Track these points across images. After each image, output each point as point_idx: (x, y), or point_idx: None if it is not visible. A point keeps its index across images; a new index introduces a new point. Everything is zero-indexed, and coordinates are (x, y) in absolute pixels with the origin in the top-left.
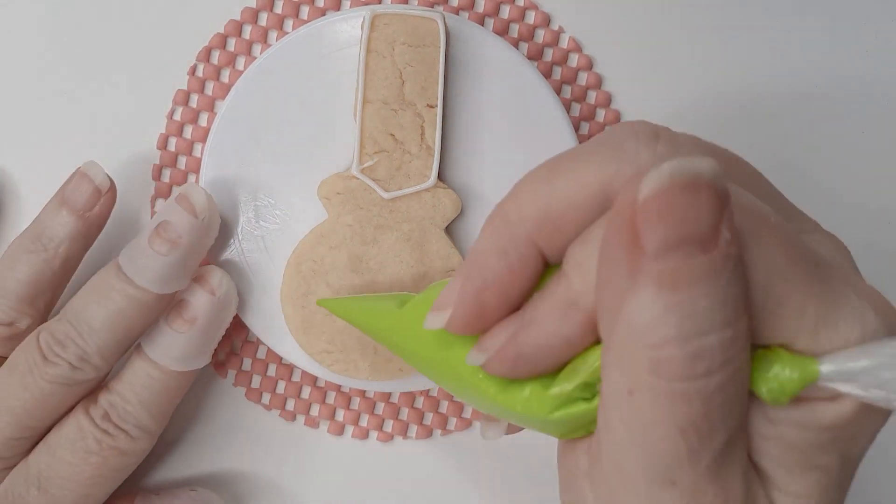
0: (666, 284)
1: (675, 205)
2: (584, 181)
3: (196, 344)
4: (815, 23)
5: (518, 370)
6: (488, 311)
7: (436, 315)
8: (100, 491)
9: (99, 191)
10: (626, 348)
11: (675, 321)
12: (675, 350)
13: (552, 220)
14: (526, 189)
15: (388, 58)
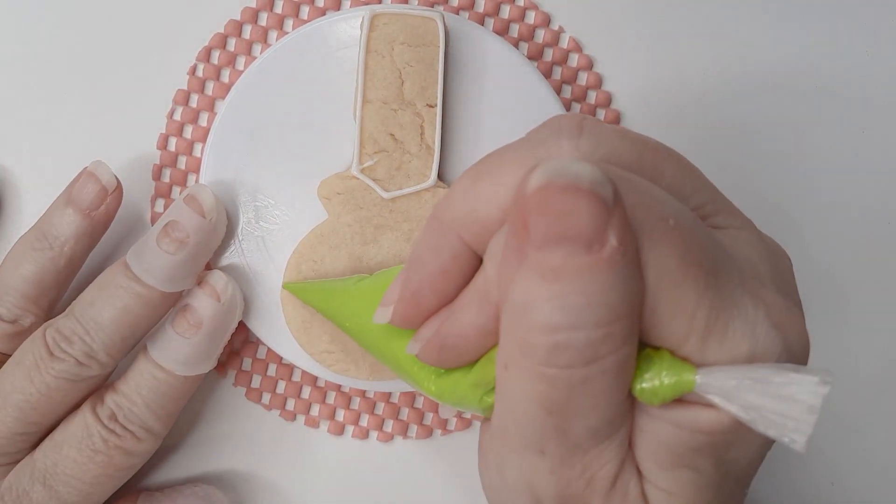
0: (546, 275)
1: (555, 204)
2: (506, 181)
3: (201, 349)
4: (815, 22)
5: (444, 360)
6: (425, 306)
7: (382, 310)
8: (103, 490)
9: (105, 190)
10: (508, 326)
11: (546, 310)
12: (541, 337)
13: (479, 219)
14: (457, 191)
15: (388, 57)
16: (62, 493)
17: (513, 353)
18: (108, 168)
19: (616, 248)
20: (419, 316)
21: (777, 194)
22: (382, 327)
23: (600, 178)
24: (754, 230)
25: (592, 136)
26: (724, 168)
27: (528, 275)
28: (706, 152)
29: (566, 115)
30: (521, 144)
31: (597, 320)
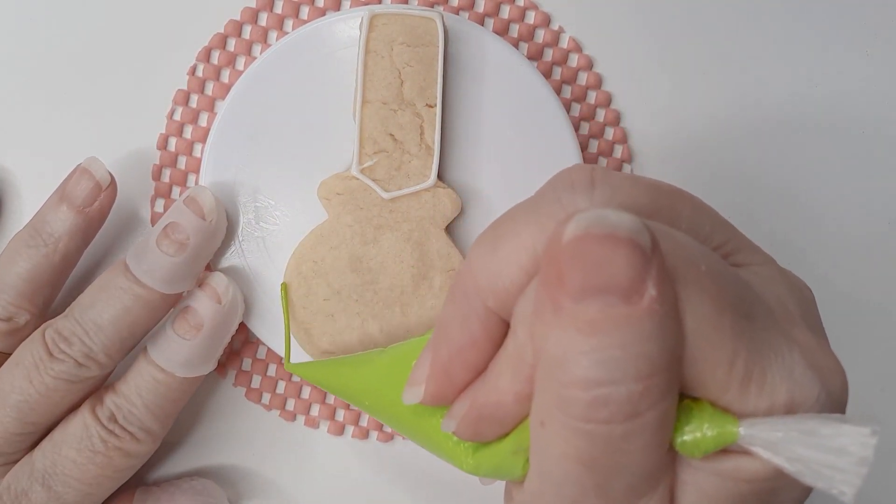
0: (583, 328)
1: (593, 254)
2: (526, 244)
3: (201, 351)
4: (815, 22)
5: (482, 433)
6: (457, 381)
7: (412, 390)
8: (102, 490)
9: (99, 186)
10: (544, 381)
11: (584, 364)
12: (579, 392)
13: (503, 284)
14: (477, 258)
15: (387, 58)
16: (61, 494)
17: (549, 409)
18: (102, 164)
19: (655, 297)
20: (451, 392)
21: (778, 190)
22: (411, 406)
23: (639, 226)
24: (776, 265)
25: (606, 187)
26: (724, 168)
27: (564, 328)
28: (706, 151)
29: (575, 169)
30: (535, 204)
31: (637, 374)
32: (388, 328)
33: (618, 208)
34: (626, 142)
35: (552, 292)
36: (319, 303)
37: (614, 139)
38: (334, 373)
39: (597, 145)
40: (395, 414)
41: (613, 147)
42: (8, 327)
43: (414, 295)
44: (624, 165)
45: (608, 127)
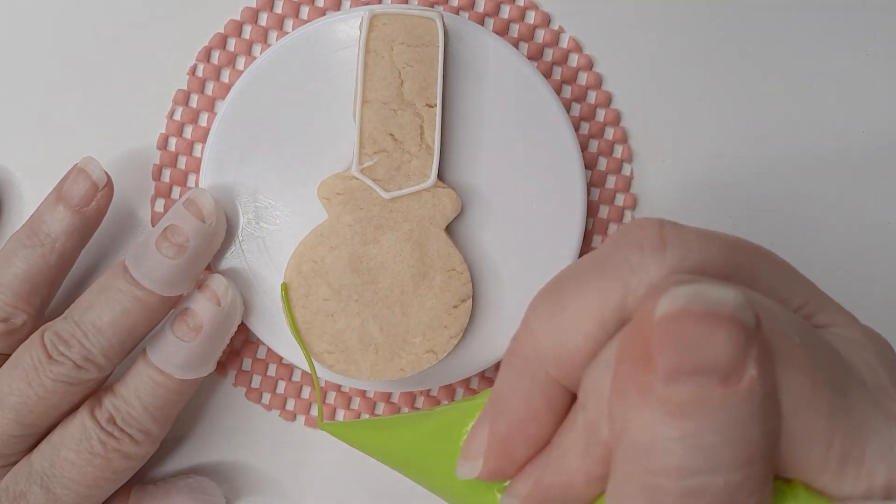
0: (675, 411)
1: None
2: (592, 309)
3: (201, 353)
4: (815, 22)
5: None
6: (517, 455)
7: (467, 464)
8: (101, 492)
9: (96, 186)
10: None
11: (677, 451)
12: (671, 482)
13: (567, 353)
14: (537, 323)
15: (387, 58)
16: (60, 496)
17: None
18: (99, 164)
19: (755, 378)
20: (511, 468)
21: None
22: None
23: (742, 303)
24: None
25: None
26: (724, 167)
27: (653, 411)
28: (706, 151)
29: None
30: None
31: (735, 461)
32: (388, 328)
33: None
34: (626, 142)
35: (638, 373)
36: (319, 303)
37: (614, 139)
38: (374, 436)
39: (597, 145)
40: (444, 485)
41: (613, 147)
42: (5, 328)
43: (414, 295)
44: (624, 165)
45: (608, 127)
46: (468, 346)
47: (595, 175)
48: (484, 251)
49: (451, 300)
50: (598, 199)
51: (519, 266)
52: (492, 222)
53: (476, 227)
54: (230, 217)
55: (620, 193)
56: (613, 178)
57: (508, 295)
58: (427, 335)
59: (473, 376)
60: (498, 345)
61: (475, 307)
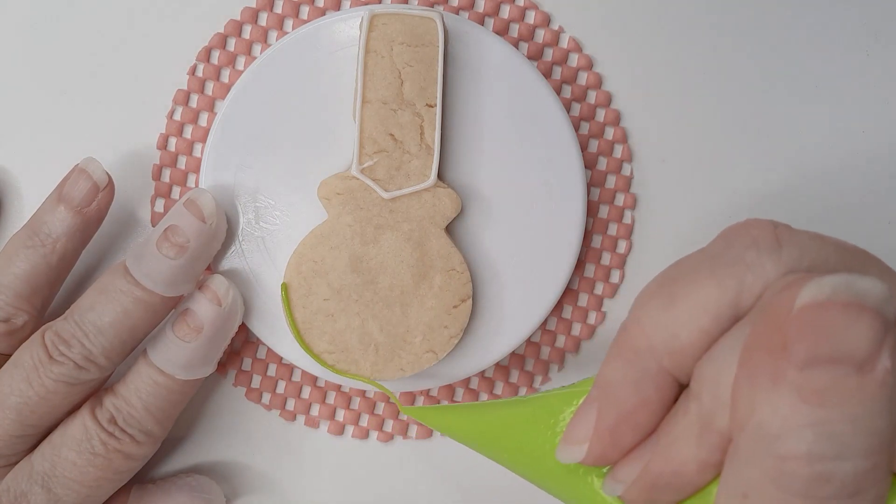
0: (809, 398)
1: (833, 321)
2: (706, 304)
3: (201, 353)
4: (815, 22)
5: (655, 499)
6: (624, 442)
7: (570, 449)
8: (102, 493)
9: (97, 186)
10: (751, 452)
11: (810, 438)
12: (802, 467)
13: (680, 345)
14: (648, 316)
15: (387, 58)
16: (60, 496)
17: (759, 482)
18: (100, 164)
19: (889, 369)
20: (616, 454)
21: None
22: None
23: (888, 296)
24: None
25: (794, 248)
26: (724, 167)
27: (786, 397)
28: (706, 150)
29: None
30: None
31: (865, 449)
32: (388, 328)
33: (858, 273)
34: (626, 142)
35: (772, 359)
36: (319, 303)
37: (614, 139)
38: (461, 420)
39: (597, 145)
40: (538, 468)
41: (613, 147)
42: (6, 328)
43: (414, 295)
44: (624, 165)
45: (608, 127)
46: (468, 346)
47: (595, 175)
48: (484, 251)
49: (451, 300)
50: (598, 199)
51: (519, 266)
52: (492, 222)
53: (476, 227)
54: (230, 217)
55: (620, 193)
56: (613, 178)
57: (508, 295)
58: (427, 335)
59: (473, 376)
60: (498, 345)
61: (475, 307)
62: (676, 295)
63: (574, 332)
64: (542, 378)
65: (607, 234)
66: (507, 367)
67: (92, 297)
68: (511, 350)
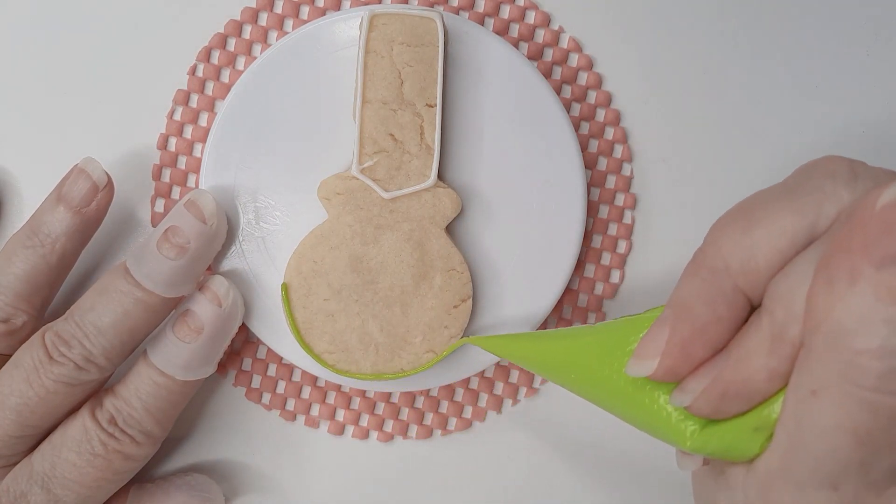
0: (884, 296)
1: None
2: (785, 228)
3: (202, 354)
4: (815, 22)
5: (724, 409)
6: (694, 357)
7: (641, 363)
8: (101, 493)
9: (96, 186)
10: (824, 349)
11: (884, 333)
12: (874, 361)
13: (757, 266)
14: (726, 238)
15: (387, 58)
16: (60, 496)
17: (829, 378)
18: (99, 164)
19: None
20: (686, 368)
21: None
22: (628, 378)
23: None
24: None
25: (868, 179)
26: (724, 168)
27: (863, 295)
28: (706, 151)
29: (833, 159)
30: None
31: None
32: (388, 328)
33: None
34: (626, 142)
35: (853, 259)
36: (319, 303)
37: (614, 139)
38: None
39: (597, 145)
40: (606, 387)
41: (613, 147)
42: (5, 328)
43: (414, 295)
44: (624, 165)
45: (608, 127)
46: (468, 347)
47: (595, 175)
48: (484, 251)
49: (451, 300)
50: (598, 199)
51: (519, 266)
52: (492, 222)
53: (476, 227)
54: (230, 217)
55: (620, 193)
56: (613, 178)
57: (508, 295)
58: (427, 335)
59: (473, 376)
60: None
61: (475, 307)
62: (755, 220)
63: None
64: (541, 378)
65: (607, 234)
66: (507, 368)
67: (92, 297)
68: None
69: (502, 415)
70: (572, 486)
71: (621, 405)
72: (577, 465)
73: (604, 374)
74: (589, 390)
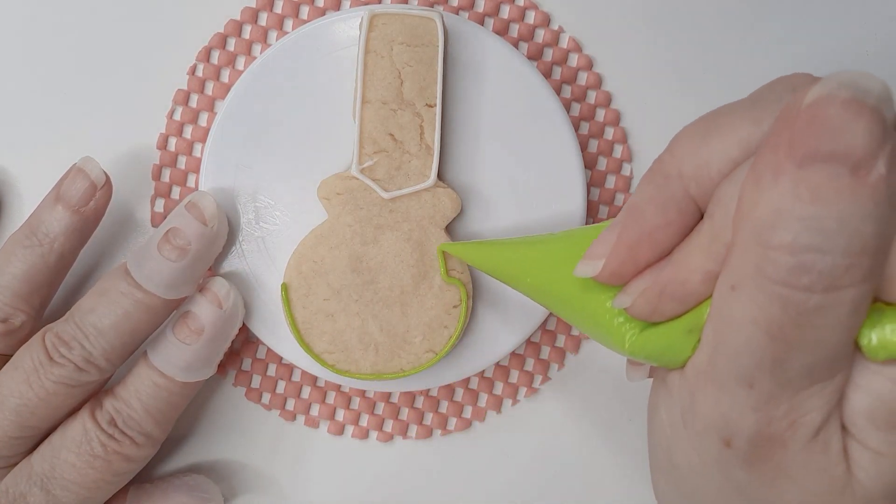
0: (803, 193)
1: (832, 119)
2: (741, 137)
3: (202, 355)
4: (816, 22)
5: (660, 310)
6: (640, 259)
7: (588, 264)
8: (101, 494)
9: (95, 186)
10: (744, 245)
11: (797, 229)
12: (785, 255)
13: (710, 173)
14: (684, 145)
15: (387, 57)
16: (60, 497)
17: (746, 272)
18: (97, 164)
19: (883, 176)
20: (632, 270)
21: None
22: (577, 282)
23: (888, 96)
24: None
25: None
26: None
27: (783, 192)
28: None
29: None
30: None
31: (846, 248)
32: (388, 328)
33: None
34: (625, 142)
35: (778, 156)
36: (319, 303)
37: (614, 139)
38: (492, 252)
39: (597, 145)
40: (557, 291)
41: (613, 147)
42: (4, 328)
43: (414, 295)
44: (624, 165)
45: (608, 127)
46: (468, 347)
47: (595, 175)
48: None
49: (450, 300)
50: (598, 199)
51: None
52: (492, 222)
53: (476, 227)
54: (230, 218)
55: (620, 193)
56: (613, 178)
57: (508, 295)
58: (427, 335)
59: (473, 376)
60: (498, 345)
61: (475, 307)
62: (713, 130)
63: (574, 333)
64: (541, 378)
65: None
66: (507, 367)
67: (93, 299)
68: (511, 350)
69: (502, 415)
70: (572, 486)
71: (571, 309)
72: (577, 464)
73: (558, 277)
74: (544, 295)
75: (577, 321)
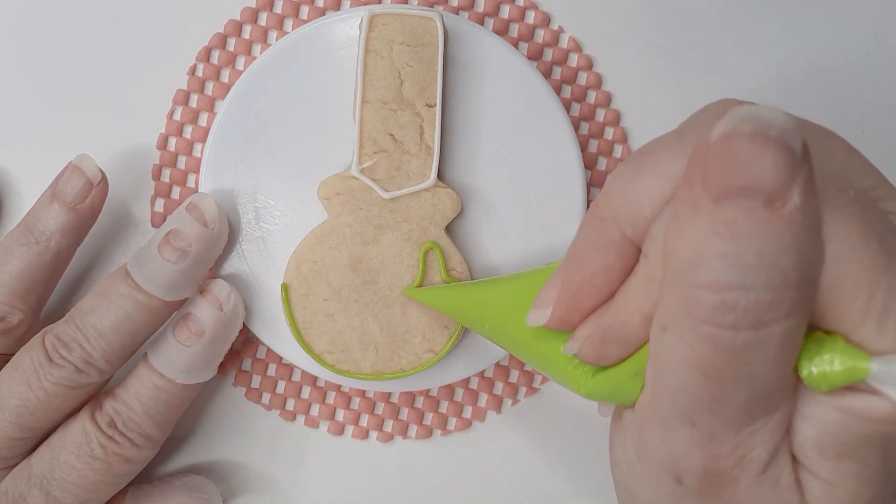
0: (720, 230)
1: (740, 153)
2: (667, 172)
3: (202, 357)
4: (815, 22)
5: (605, 354)
6: (585, 305)
7: (537, 312)
8: (100, 496)
9: (91, 183)
10: (671, 285)
11: (718, 267)
12: (708, 294)
13: (642, 213)
14: (616, 186)
15: (387, 58)
16: (59, 499)
17: (674, 312)
18: (93, 161)
19: (798, 206)
20: (578, 316)
21: None
22: (533, 329)
23: (791, 126)
24: None
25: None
26: None
27: (700, 229)
28: None
29: (724, 100)
30: (679, 134)
31: (768, 283)
32: (388, 328)
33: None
34: (626, 142)
35: (692, 193)
36: (319, 303)
37: (614, 139)
38: (454, 297)
39: (597, 145)
40: (515, 337)
41: (613, 147)
42: (1, 327)
43: None
44: None
45: (608, 127)
46: (468, 347)
47: (595, 175)
48: (484, 251)
49: None
50: None
51: (519, 266)
52: (492, 222)
53: (476, 227)
54: (230, 218)
55: None
56: None
57: None
58: (427, 335)
59: (473, 376)
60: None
61: None
62: (641, 168)
63: None
64: (542, 378)
65: None
66: (507, 367)
67: (93, 300)
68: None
69: (502, 415)
70: (572, 486)
71: (530, 354)
72: (577, 464)
73: (514, 323)
74: (503, 340)
75: (536, 365)
